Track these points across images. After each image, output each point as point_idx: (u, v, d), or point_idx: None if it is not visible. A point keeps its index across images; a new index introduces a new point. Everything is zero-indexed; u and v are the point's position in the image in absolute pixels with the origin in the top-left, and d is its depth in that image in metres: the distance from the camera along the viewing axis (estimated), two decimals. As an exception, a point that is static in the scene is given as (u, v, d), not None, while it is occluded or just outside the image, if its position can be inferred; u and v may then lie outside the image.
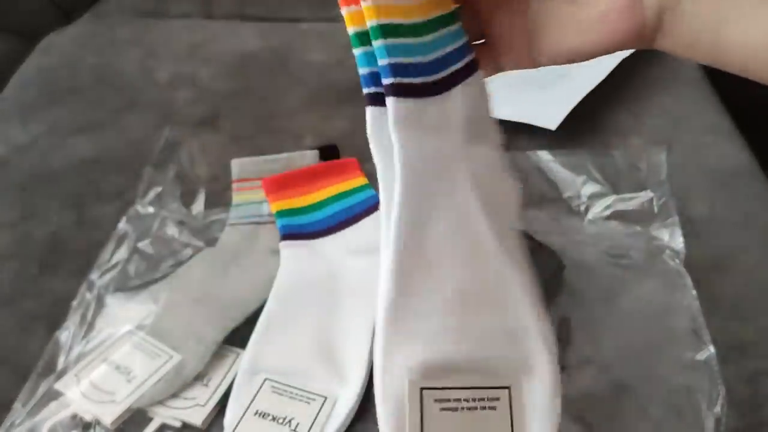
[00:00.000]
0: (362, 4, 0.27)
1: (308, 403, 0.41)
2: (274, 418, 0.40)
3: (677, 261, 0.50)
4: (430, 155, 0.29)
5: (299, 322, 0.46)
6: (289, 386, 0.42)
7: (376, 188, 0.55)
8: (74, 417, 0.42)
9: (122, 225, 0.56)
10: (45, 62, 0.86)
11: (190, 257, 0.53)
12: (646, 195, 0.54)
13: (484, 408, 0.27)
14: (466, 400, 0.27)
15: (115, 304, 0.49)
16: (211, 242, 0.55)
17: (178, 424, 0.42)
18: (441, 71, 0.29)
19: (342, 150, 0.61)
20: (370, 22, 0.27)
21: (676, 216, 0.53)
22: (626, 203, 0.54)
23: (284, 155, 0.58)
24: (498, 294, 0.28)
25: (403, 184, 0.28)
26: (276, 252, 0.51)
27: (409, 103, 0.28)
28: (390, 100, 0.28)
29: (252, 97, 0.76)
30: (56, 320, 0.50)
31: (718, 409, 0.41)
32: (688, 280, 0.49)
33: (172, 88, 0.79)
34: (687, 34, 0.29)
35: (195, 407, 0.42)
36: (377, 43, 0.28)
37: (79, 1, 1.01)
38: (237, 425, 0.40)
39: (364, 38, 0.28)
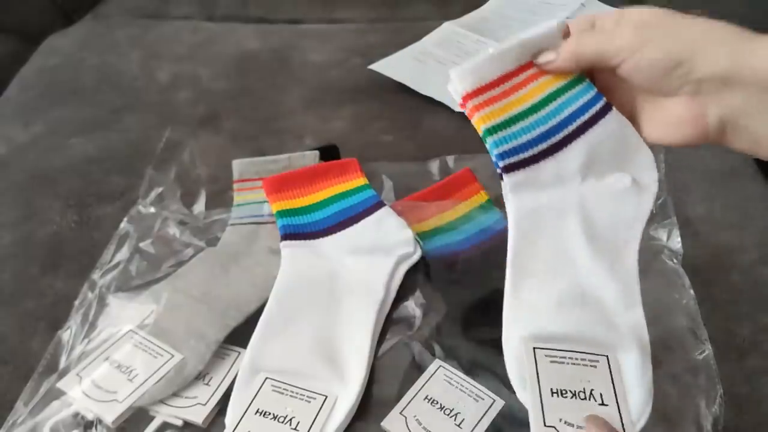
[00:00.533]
0: (472, 120, 0.39)
1: (309, 402, 0.41)
2: (274, 417, 0.40)
3: (675, 261, 0.50)
4: (538, 207, 0.39)
5: (300, 322, 0.46)
6: (290, 385, 0.42)
7: (376, 188, 0.56)
8: (76, 416, 0.42)
9: (124, 225, 0.57)
10: (46, 63, 0.86)
11: (191, 257, 0.53)
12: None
13: (586, 365, 0.35)
14: (570, 358, 0.36)
15: (116, 303, 0.50)
16: (212, 242, 0.55)
17: (179, 423, 0.42)
18: (554, 136, 0.39)
19: (342, 150, 0.61)
20: (480, 129, 0.39)
21: (674, 216, 0.53)
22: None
23: (284, 156, 0.58)
24: (592, 298, 0.37)
25: (513, 230, 0.39)
26: (276, 252, 0.51)
27: (519, 175, 0.39)
28: (504, 177, 0.39)
29: (252, 98, 0.77)
30: (58, 320, 0.50)
31: (716, 408, 0.42)
32: (686, 280, 0.49)
33: (173, 88, 0.79)
34: (747, 140, 0.35)
35: (196, 406, 0.42)
36: (488, 141, 0.39)
37: (80, 2, 1.02)
38: (238, 424, 0.40)
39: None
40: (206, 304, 0.48)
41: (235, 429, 0.40)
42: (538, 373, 0.35)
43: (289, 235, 0.51)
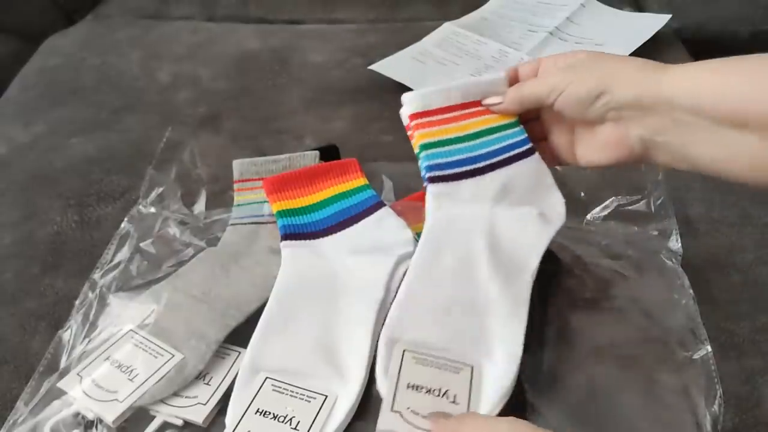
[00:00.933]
0: (412, 137, 0.46)
1: (309, 401, 0.41)
2: (274, 417, 0.41)
3: (674, 261, 0.51)
4: (452, 217, 0.45)
5: (300, 322, 0.46)
6: (290, 385, 0.42)
7: (376, 188, 0.56)
8: (76, 415, 0.42)
9: (124, 225, 0.57)
10: (47, 63, 0.86)
11: (192, 257, 0.53)
12: (643, 195, 0.55)
13: (448, 370, 0.39)
14: (435, 363, 0.39)
15: (117, 303, 0.50)
16: (212, 242, 0.55)
17: (179, 423, 0.42)
18: (478, 163, 0.46)
19: (342, 150, 0.61)
20: (416, 146, 0.46)
21: (674, 216, 0.53)
22: (624, 203, 0.55)
23: (285, 156, 0.58)
24: (480, 308, 0.41)
25: (426, 233, 0.45)
26: (277, 252, 0.51)
27: (441, 187, 0.45)
28: (428, 186, 0.46)
29: (252, 98, 0.77)
30: (59, 319, 0.50)
31: (715, 407, 0.42)
32: (686, 280, 0.49)
33: (174, 88, 0.79)
34: (666, 156, 0.41)
35: (196, 406, 0.43)
36: (421, 155, 0.46)
37: (80, 2, 1.02)
38: (238, 423, 0.40)
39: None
40: (206, 304, 0.48)
41: (235, 429, 0.40)
42: (400, 369, 0.38)
43: (290, 235, 0.51)
